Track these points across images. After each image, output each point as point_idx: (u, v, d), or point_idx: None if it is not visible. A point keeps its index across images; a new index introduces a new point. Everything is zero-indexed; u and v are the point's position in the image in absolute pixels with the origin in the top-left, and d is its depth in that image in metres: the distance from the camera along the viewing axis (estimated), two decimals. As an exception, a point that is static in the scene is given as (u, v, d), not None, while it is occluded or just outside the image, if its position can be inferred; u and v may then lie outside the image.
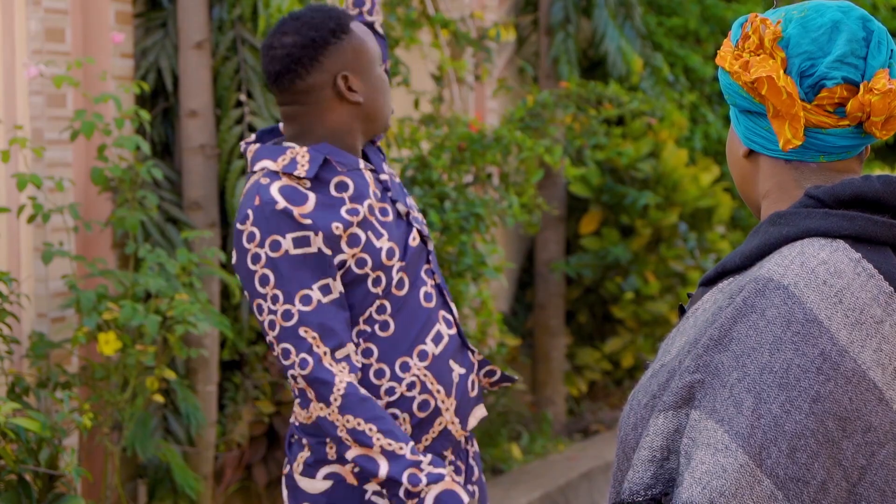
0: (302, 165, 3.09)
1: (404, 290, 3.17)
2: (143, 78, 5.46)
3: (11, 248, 4.82)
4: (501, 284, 7.89)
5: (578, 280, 8.37)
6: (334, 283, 3.07)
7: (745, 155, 1.95)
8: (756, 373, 1.76)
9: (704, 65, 9.06)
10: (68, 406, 4.28)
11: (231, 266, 5.27)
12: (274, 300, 3.05)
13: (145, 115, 4.92)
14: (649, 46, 8.61)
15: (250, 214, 3.07)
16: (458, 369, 3.24)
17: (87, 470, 4.70)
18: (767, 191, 1.94)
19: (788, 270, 1.81)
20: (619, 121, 8.44)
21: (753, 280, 1.83)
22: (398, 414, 3.15)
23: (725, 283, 1.90)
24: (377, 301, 3.14)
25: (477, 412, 3.31)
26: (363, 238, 3.10)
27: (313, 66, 3.13)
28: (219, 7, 5.49)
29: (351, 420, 3.03)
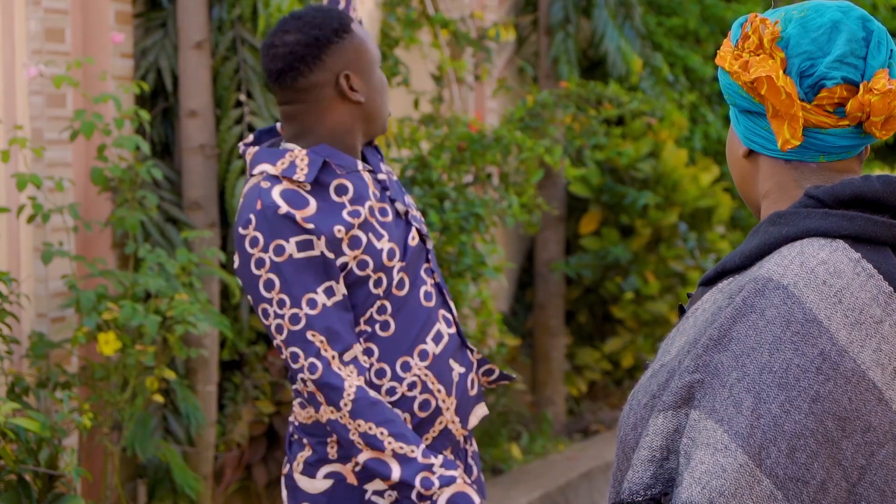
0: (301, 169, 3.09)
1: (404, 290, 3.17)
2: (143, 78, 5.46)
3: (11, 248, 4.82)
4: (501, 284, 7.89)
5: (578, 280, 8.37)
6: (338, 286, 3.08)
7: (745, 155, 1.96)
8: (755, 373, 1.76)
9: (704, 65, 9.06)
10: (68, 406, 4.28)
11: (231, 266, 5.27)
12: (280, 304, 3.05)
13: (145, 115, 4.92)
14: (649, 46, 8.60)
15: (253, 219, 3.06)
16: (458, 368, 3.24)
17: (87, 470, 4.70)
18: (767, 191, 1.94)
19: (788, 270, 1.81)
20: (619, 121, 8.44)
21: (753, 280, 1.83)
22: (399, 413, 3.15)
23: (725, 283, 1.90)
24: (378, 301, 3.14)
25: (478, 411, 3.31)
26: (364, 240, 3.11)
27: (316, 65, 3.13)
28: (218, 7, 5.49)
29: (362, 424, 3.04)
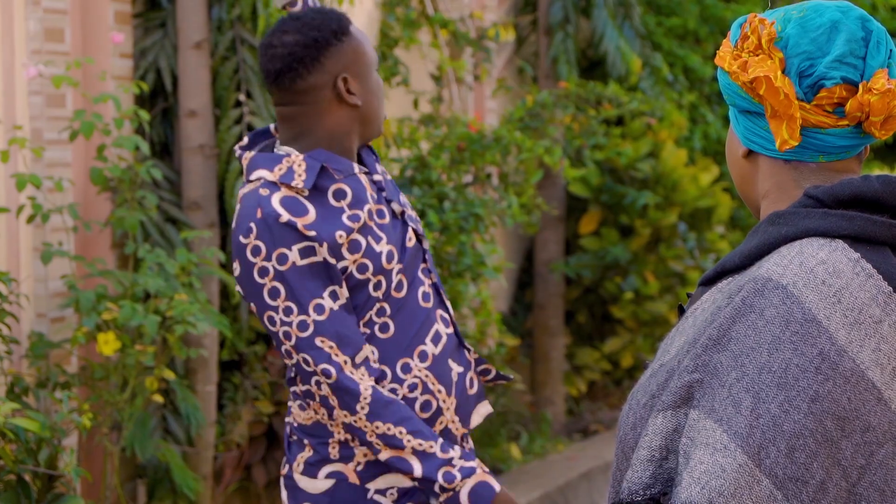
0: (299, 175, 3.08)
1: (403, 292, 3.17)
2: (143, 78, 5.46)
3: (11, 248, 4.82)
4: (501, 284, 7.89)
5: (578, 280, 8.37)
6: (341, 290, 3.08)
7: (745, 155, 1.96)
8: (755, 372, 1.76)
9: (704, 65, 9.06)
10: (67, 406, 4.28)
11: (231, 266, 5.27)
12: (287, 312, 3.05)
13: (144, 115, 4.92)
14: (648, 46, 8.61)
15: (253, 228, 3.05)
16: (457, 368, 3.24)
17: (87, 470, 4.70)
18: (767, 191, 1.94)
19: (787, 270, 1.81)
20: (619, 121, 8.44)
21: (752, 280, 1.83)
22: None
23: (724, 283, 1.90)
24: (377, 304, 3.14)
25: (481, 409, 3.32)
26: (364, 244, 3.11)
27: (314, 66, 3.13)
28: (218, 7, 5.49)
29: (380, 426, 3.06)
